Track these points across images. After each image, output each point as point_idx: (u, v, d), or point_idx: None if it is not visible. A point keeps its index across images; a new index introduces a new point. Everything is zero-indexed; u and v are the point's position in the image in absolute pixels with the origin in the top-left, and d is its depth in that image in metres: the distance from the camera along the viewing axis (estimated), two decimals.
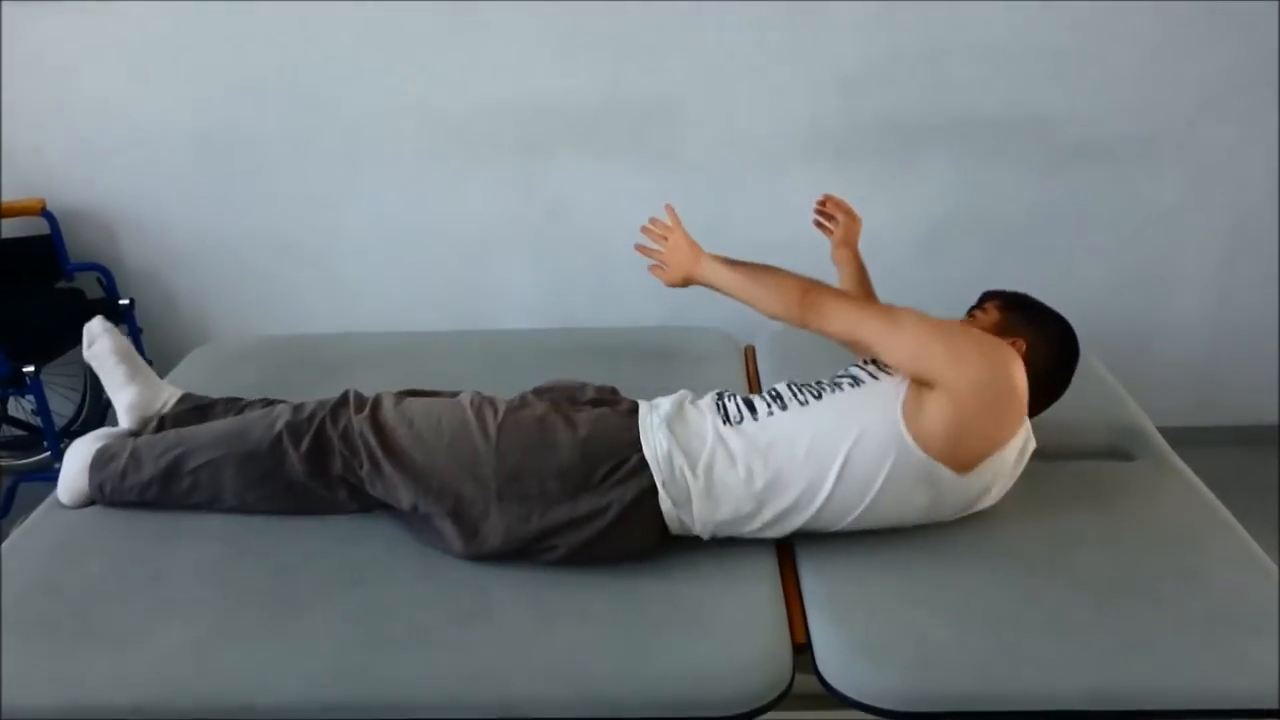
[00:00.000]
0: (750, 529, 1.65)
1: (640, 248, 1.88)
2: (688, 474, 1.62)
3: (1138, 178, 2.83)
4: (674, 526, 1.65)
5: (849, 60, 2.71)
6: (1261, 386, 3.12)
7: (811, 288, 1.66)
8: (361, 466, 1.71)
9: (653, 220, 1.88)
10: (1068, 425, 2.01)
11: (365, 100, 2.78)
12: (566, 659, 1.46)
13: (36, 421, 2.88)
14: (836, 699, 1.46)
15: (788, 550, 1.71)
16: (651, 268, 1.86)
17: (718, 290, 1.77)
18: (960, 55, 2.70)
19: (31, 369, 2.64)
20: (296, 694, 1.42)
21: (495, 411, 1.72)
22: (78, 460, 1.83)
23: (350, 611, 1.54)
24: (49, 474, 2.76)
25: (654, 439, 1.65)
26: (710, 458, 1.63)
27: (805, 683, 1.49)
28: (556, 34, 2.70)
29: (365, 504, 1.76)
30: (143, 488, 1.78)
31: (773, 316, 1.70)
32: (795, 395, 1.70)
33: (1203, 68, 2.70)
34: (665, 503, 1.62)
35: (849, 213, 2.09)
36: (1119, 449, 2.00)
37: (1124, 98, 2.74)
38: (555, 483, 1.63)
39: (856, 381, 1.68)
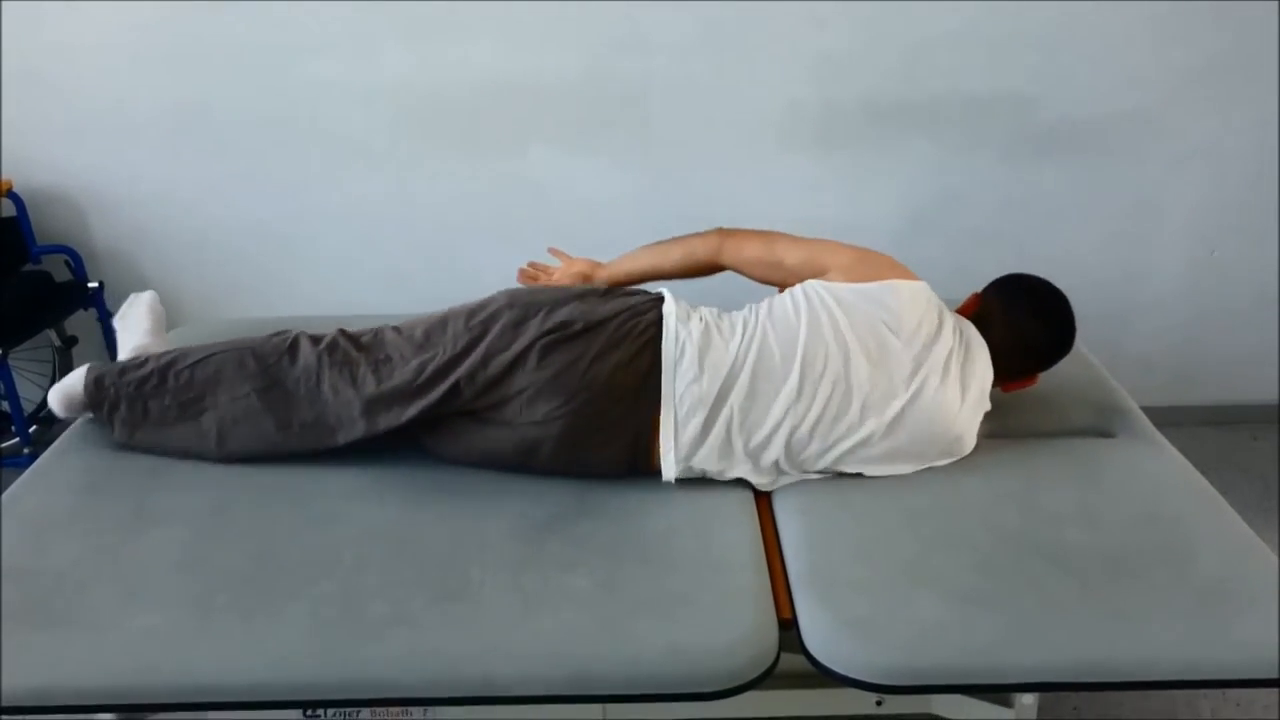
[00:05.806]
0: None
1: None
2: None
3: (1117, 159, 2.83)
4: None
5: (825, 43, 2.69)
6: (1238, 367, 3.13)
7: (723, 228, 1.92)
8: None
9: (531, 264, 2.12)
10: (1050, 403, 2.01)
11: (339, 82, 2.74)
12: (549, 638, 1.44)
13: (4, 407, 2.83)
14: (824, 674, 1.45)
15: (771, 528, 1.70)
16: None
17: (628, 276, 1.97)
18: (938, 37, 2.68)
19: None
20: (276, 675, 1.40)
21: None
22: (79, 372, 1.86)
23: (329, 593, 1.51)
24: (18, 460, 2.71)
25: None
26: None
27: (790, 660, 1.48)
28: (531, 17, 2.66)
29: (368, 406, 1.75)
30: (140, 381, 1.81)
31: (689, 266, 1.92)
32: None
33: (1182, 50, 2.70)
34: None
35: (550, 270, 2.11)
36: (1101, 426, 2.00)
37: (1104, 79, 2.74)
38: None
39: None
